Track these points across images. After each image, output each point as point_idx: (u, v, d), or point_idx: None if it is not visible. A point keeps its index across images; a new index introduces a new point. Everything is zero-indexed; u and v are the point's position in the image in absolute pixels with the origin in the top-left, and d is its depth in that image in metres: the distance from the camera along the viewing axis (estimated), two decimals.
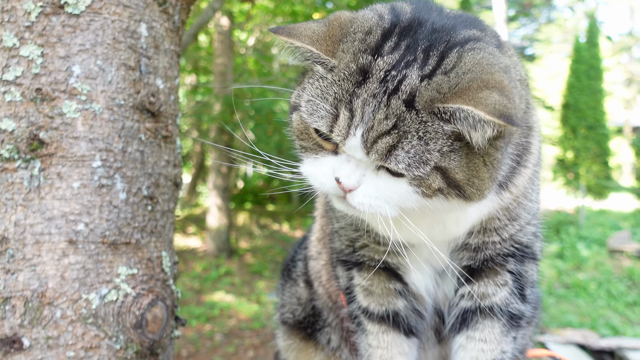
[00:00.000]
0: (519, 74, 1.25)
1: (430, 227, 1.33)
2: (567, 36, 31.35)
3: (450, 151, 1.08)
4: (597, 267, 12.20)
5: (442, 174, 1.09)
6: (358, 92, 1.11)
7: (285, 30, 1.26)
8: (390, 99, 1.08)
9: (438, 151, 1.07)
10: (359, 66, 1.14)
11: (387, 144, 1.08)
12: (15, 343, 1.58)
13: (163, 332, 1.77)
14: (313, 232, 1.83)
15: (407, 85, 1.08)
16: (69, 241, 1.63)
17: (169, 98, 1.90)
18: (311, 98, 1.17)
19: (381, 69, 1.12)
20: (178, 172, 1.97)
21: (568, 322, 9.11)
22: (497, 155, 1.11)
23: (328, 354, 1.74)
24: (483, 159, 1.10)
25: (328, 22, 1.25)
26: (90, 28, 1.68)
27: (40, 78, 1.63)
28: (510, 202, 1.32)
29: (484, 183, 1.10)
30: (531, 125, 1.35)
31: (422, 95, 1.07)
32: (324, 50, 1.20)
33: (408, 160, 1.07)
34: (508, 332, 1.43)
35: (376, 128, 1.09)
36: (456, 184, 1.10)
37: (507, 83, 1.08)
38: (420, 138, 1.07)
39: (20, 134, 1.61)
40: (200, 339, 8.18)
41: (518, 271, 1.43)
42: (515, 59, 1.29)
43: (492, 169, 1.11)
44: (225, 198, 12.92)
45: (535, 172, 1.37)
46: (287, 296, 1.88)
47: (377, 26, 1.20)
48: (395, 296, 1.51)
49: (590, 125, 17.69)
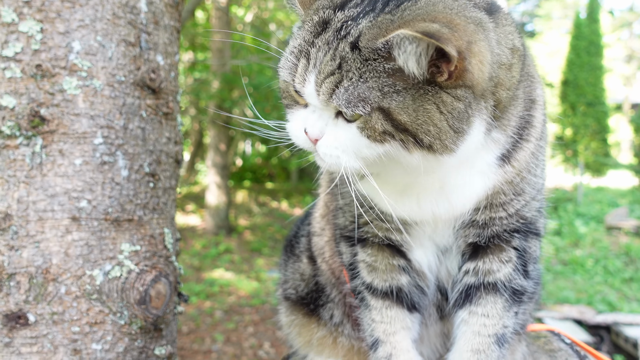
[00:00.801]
0: (510, 43, 1.22)
1: (434, 203, 1.33)
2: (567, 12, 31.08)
3: (394, 91, 1.08)
4: (595, 244, 12.28)
5: (385, 115, 1.09)
6: (315, 42, 1.16)
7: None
8: (340, 42, 1.12)
9: (379, 90, 1.08)
10: (321, 19, 1.18)
11: (331, 83, 1.11)
12: (21, 318, 1.59)
13: (166, 308, 1.79)
14: (317, 209, 1.83)
15: (357, 29, 1.11)
16: (72, 218, 1.64)
17: (169, 74, 1.89)
18: (285, 54, 1.23)
19: (339, 20, 1.15)
20: (179, 149, 1.97)
21: (565, 298, 9.20)
22: (457, 105, 1.08)
23: (330, 329, 1.76)
24: (437, 105, 1.08)
25: None
26: (89, 3, 1.66)
27: (40, 54, 1.62)
28: (514, 176, 1.32)
29: (443, 132, 1.09)
30: (534, 99, 1.34)
31: (364, 34, 1.09)
32: (303, 5, 1.26)
33: (347, 96, 1.09)
34: (510, 308, 1.44)
35: (323, 70, 1.12)
36: (404, 128, 1.09)
37: (462, 23, 1.06)
38: (361, 76, 1.09)
39: (21, 110, 1.61)
40: (200, 315, 8.26)
41: (522, 247, 1.44)
42: (509, 28, 1.25)
43: (451, 118, 1.08)
44: (224, 176, 12.92)
45: (539, 147, 1.36)
46: (290, 272, 1.88)
47: None
48: (398, 272, 1.51)
49: (589, 102, 17.65)
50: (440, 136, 1.09)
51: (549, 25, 32.23)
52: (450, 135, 1.09)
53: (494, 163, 1.29)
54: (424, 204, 1.33)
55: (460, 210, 1.35)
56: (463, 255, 1.47)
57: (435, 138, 1.09)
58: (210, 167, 13.00)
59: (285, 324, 1.87)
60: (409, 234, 1.46)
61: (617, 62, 30.08)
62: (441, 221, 1.40)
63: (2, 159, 1.63)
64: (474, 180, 1.30)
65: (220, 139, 12.81)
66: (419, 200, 1.33)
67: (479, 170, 1.29)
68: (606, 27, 25.35)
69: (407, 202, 1.33)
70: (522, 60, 1.26)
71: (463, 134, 1.11)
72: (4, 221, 1.61)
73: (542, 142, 1.38)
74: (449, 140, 1.10)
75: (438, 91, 1.08)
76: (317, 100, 1.15)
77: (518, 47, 1.24)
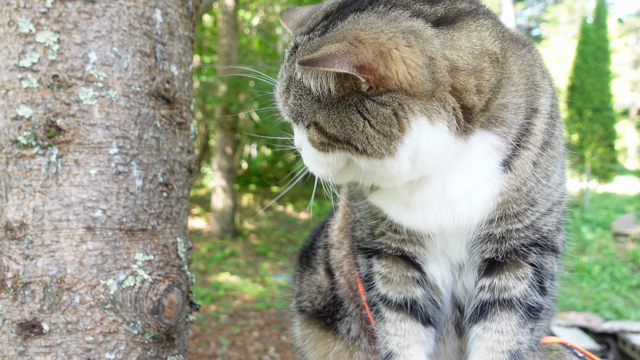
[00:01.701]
0: (477, 47, 1.20)
1: (438, 213, 1.33)
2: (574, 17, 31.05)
3: (320, 107, 1.18)
4: (601, 250, 12.23)
5: (318, 128, 1.19)
6: (286, 65, 1.27)
7: (285, 13, 1.49)
8: (291, 64, 1.24)
9: (309, 107, 1.19)
10: (294, 43, 1.29)
11: (284, 100, 1.26)
12: (35, 328, 1.60)
13: (179, 317, 1.79)
14: (335, 221, 1.83)
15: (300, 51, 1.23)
16: (87, 227, 1.65)
17: (183, 84, 1.90)
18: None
19: (302, 42, 1.25)
20: (192, 158, 1.98)
21: (571, 305, 9.16)
22: (382, 110, 1.12)
23: (347, 343, 1.76)
24: (361, 113, 1.14)
25: (314, 8, 1.40)
26: (106, 14, 1.67)
27: (57, 64, 1.63)
28: (520, 184, 1.32)
29: (371, 138, 1.14)
30: (536, 108, 1.34)
31: (299, 56, 1.20)
32: (293, 33, 1.36)
33: (290, 113, 1.24)
34: (525, 324, 1.44)
35: (280, 89, 1.27)
36: (336, 138, 1.17)
37: (374, 37, 1.11)
38: (295, 95, 1.21)
39: (37, 120, 1.62)
40: (205, 319, 8.27)
41: (539, 263, 1.43)
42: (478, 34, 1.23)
43: (377, 123, 1.13)
44: (230, 179, 12.95)
45: (546, 157, 1.35)
46: (306, 284, 1.88)
47: (324, 10, 1.31)
48: (413, 284, 1.51)
49: (596, 108, 17.63)
50: (370, 142, 1.15)
51: (555, 30, 32.20)
52: (380, 139, 1.14)
53: (498, 168, 1.30)
54: (428, 214, 1.34)
55: (467, 221, 1.35)
56: (479, 271, 1.47)
57: (366, 144, 1.15)
58: (216, 170, 13.03)
59: (300, 337, 1.87)
60: (422, 246, 1.47)
61: (624, 68, 30.00)
62: (449, 234, 1.40)
63: (18, 168, 1.64)
64: (480, 188, 1.30)
65: (227, 143, 12.84)
66: (423, 211, 1.34)
67: (484, 177, 1.30)
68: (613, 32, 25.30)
69: (413, 213, 1.35)
70: (500, 65, 1.24)
71: (395, 138, 1.14)
72: (19, 230, 1.62)
73: (551, 153, 1.37)
74: (381, 145, 1.14)
75: (362, 100, 1.13)
76: (283, 113, 1.29)
77: (493, 51, 1.23)
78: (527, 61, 1.36)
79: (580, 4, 31.76)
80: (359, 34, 1.12)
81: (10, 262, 1.62)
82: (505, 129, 1.28)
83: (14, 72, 1.63)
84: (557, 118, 1.42)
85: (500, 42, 1.25)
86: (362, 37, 1.11)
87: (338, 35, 1.13)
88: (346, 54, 1.06)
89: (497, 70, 1.23)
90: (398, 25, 1.15)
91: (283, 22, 1.47)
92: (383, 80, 1.10)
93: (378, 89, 1.11)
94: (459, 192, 1.30)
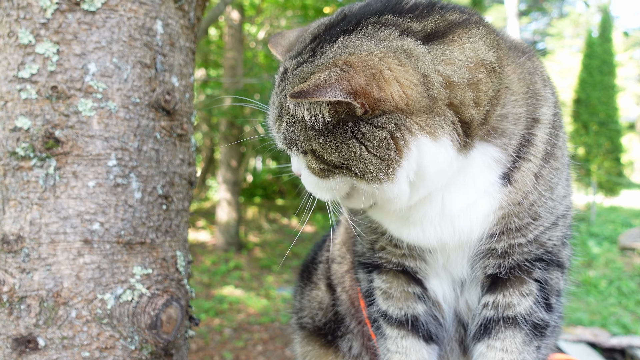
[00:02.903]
0: (472, 59, 1.18)
1: (438, 228, 1.30)
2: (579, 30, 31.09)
3: (316, 135, 1.15)
4: (608, 265, 12.11)
5: (315, 155, 1.18)
6: (276, 91, 1.26)
7: (273, 39, 1.47)
8: (281, 91, 1.23)
9: (304, 135, 1.17)
10: (283, 68, 1.28)
11: (277, 128, 1.24)
12: (31, 343, 1.57)
13: (177, 332, 1.76)
14: (337, 235, 1.80)
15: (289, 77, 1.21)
16: (84, 241, 1.62)
17: (184, 96, 1.88)
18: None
19: (291, 67, 1.24)
20: (192, 170, 1.96)
21: (578, 320, 9.05)
22: (378, 134, 1.10)
23: None
24: (357, 138, 1.11)
25: (301, 31, 1.40)
26: (106, 25, 1.66)
27: (56, 76, 1.61)
28: (520, 197, 1.28)
29: (368, 163, 1.12)
30: (537, 118, 1.31)
31: (289, 84, 1.19)
32: (282, 58, 1.35)
33: (285, 140, 1.22)
34: (531, 342, 1.40)
35: (272, 115, 1.26)
36: (334, 164, 1.15)
37: (364, 60, 1.09)
38: (288, 123, 1.19)
39: (35, 132, 1.60)
40: (209, 333, 8.21)
41: (544, 279, 1.39)
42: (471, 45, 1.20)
43: (373, 147, 1.11)
44: (235, 192, 12.93)
45: (548, 169, 1.32)
46: (307, 300, 1.85)
47: (311, 33, 1.30)
48: (414, 300, 1.48)
49: (602, 121, 17.58)
50: (367, 166, 1.12)
51: (560, 43, 32.24)
52: (378, 164, 1.12)
53: (497, 182, 1.26)
54: (428, 229, 1.31)
55: (467, 236, 1.32)
56: (482, 288, 1.44)
57: (364, 169, 1.13)
58: (221, 183, 13.01)
59: (300, 355, 1.83)
60: (423, 260, 1.44)
61: (629, 81, 29.97)
62: (450, 248, 1.37)
63: (16, 180, 1.62)
64: (479, 202, 1.27)
65: (232, 155, 12.84)
66: (423, 226, 1.31)
67: (484, 191, 1.27)
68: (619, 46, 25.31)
69: (413, 228, 1.33)
70: (497, 75, 1.22)
71: (393, 162, 1.12)
72: (16, 243, 1.60)
73: (554, 164, 1.33)
74: (378, 169, 1.12)
75: (358, 124, 1.11)
76: (277, 141, 1.28)
77: (488, 61, 1.20)
78: (527, 69, 1.33)
79: (585, 18, 31.82)
80: (348, 58, 1.10)
81: (6, 275, 1.60)
82: (505, 140, 1.25)
83: (13, 83, 1.62)
84: (560, 128, 1.38)
85: (496, 50, 1.23)
86: (352, 61, 1.09)
87: (327, 62, 1.12)
88: (337, 81, 1.04)
89: (494, 80, 1.21)
90: (388, 45, 1.14)
91: (272, 48, 1.45)
92: (378, 103, 1.08)
93: (374, 112, 1.09)
94: (458, 206, 1.27)
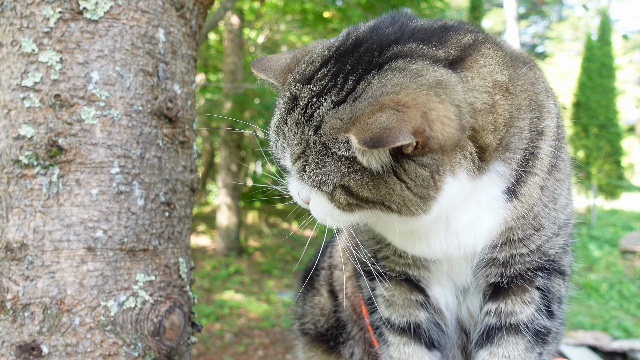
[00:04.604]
0: (489, 83, 1.19)
1: (444, 242, 1.30)
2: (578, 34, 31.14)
3: (353, 171, 1.12)
4: (609, 268, 12.10)
5: (346, 191, 1.14)
6: (287, 119, 1.21)
7: (258, 64, 1.39)
8: (305, 125, 1.16)
9: (338, 171, 1.13)
10: (292, 95, 1.22)
11: (300, 165, 1.17)
12: (34, 350, 1.58)
13: (180, 339, 1.76)
14: (339, 241, 1.81)
15: (319, 113, 1.15)
16: (88, 248, 1.63)
17: (186, 103, 1.89)
18: (270, 127, 1.29)
19: (305, 97, 1.19)
20: (194, 177, 1.96)
21: (580, 323, 9.04)
22: (420, 173, 1.09)
23: None
24: (399, 176, 1.10)
25: (295, 53, 1.37)
26: (108, 34, 1.67)
27: (59, 84, 1.62)
28: (525, 211, 1.28)
29: (407, 200, 1.11)
30: (541, 130, 1.29)
31: (326, 123, 1.12)
32: (280, 81, 1.32)
33: (312, 178, 1.15)
34: (533, 349, 1.40)
35: (293, 151, 1.19)
36: (367, 200, 1.13)
37: (412, 99, 1.06)
38: (321, 160, 1.13)
39: (39, 140, 1.61)
40: (210, 338, 8.20)
41: (546, 287, 1.40)
42: (487, 69, 1.21)
43: (415, 186, 1.10)
44: (235, 196, 12.93)
45: (553, 180, 1.31)
46: (309, 306, 1.85)
47: (320, 55, 1.26)
48: (416, 308, 1.48)
49: (601, 124, 17.59)
50: (405, 203, 1.11)
51: (560, 47, 32.29)
52: (417, 201, 1.11)
53: (501, 197, 1.25)
54: (433, 243, 1.31)
55: (471, 249, 1.32)
56: (484, 295, 1.44)
57: (401, 206, 1.12)
58: (221, 187, 13.02)
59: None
60: (427, 269, 1.44)
61: (629, 84, 29.99)
62: (455, 259, 1.38)
63: (19, 188, 1.63)
64: (482, 217, 1.27)
65: (232, 160, 12.85)
66: (428, 240, 1.31)
67: (487, 206, 1.26)
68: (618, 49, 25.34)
69: (417, 242, 1.33)
70: (511, 93, 1.22)
71: (430, 199, 1.12)
72: (19, 251, 1.60)
73: (558, 175, 1.33)
74: (416, 206, 1.12)
75: (401, 161, 1.09)
76: (294, 175, 1.22)
77: (502, 81, 1.20)
78: (528, 80, 1.31)
79: (584, 21, 31.88)
80: (398, 98, 1.07)
81: (10, 283, 1.60)
82: (509, 155, 1.24)
83: (17, 91, 1.63)
84: (563, 139, 1.38)
85: (507, 69, 1.23)
86: (403, 101, 1.06)
87: (374, 103, 1.07)
88: (402, 123, 1.01)
89: (509, 102, 1.21)
90: (425, 81, 1.11)
91: (259, 72, 1.38)
92: (428, 141, 1.06)
93: (423, 150, 1.08)
94: (463, 222, 1.27)
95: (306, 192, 1.26)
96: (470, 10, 19.33)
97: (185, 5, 1.85)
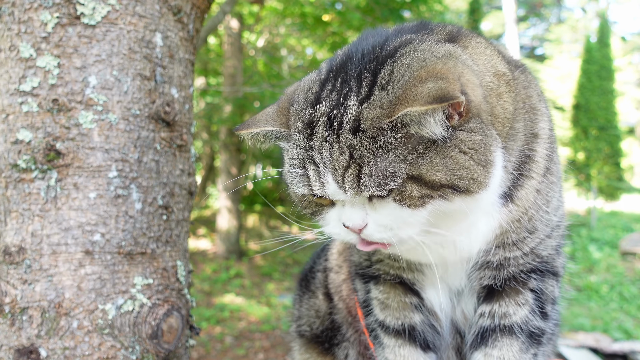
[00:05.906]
0: (490, 67, 1.23)
1: (441, 247, 1.30)
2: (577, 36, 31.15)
3: (417, 156, 1.08)
4: (609, 270, 12.10)
5: (417, 181, 1.08)
6: (312, 144, 1.16)
7: (244, 125, 1.32)
8: (339, 135, 1.11)
9: (402, 160, 1.08)
10: (305, 121, 1.18)
11: (353, 175, 1.10)
12: (33, 353, 1.58)
13: (178, 342, 1.77)
14: (334, 244, 1.81)
15: (349, 114, 1.11)
16: (86, 251, 1.64)
17: (183, 107, 1.90)
18: (287, 170, 1.23)
19: (322, 113, 1.16)
20: (192, 180, 1.97)
21: (580, 325, 9.03)
22: (475, 138, 1.09)
23: None
24: (459, 148, 1.08)
25: (279, 100, 1.34)
26: (106, 38, 1.68)
27: (57, 89, 1.63)
28: (520, 214, 1.29)
29: (473, 171, 1.09)
30: (536, 133, 1.31)
31: (365, 117, 1.09)
32: (278, 124, 1.27)
33: (374, 180, 1.08)
34: (527, 350, 1.41)
35: (337, 166, 1.11)
36: (440, 184, 1.08)
37: (443, 67, 1.09)
38: (376, 155, 1.08)
39: (37, 144, 1.62)
40: (210, 341, 8.19)
41: (539, 288, 1.41)
42: (487, 51, 1.27)
43: (475, 153, 1.09)
44: (235, 200, 12.93)
45: (546, 183, 1.33)
46: (305, 308, 1.86)
47: (314, 81, 1.26)
48: (411, 310, 1.49)
49: (601, 126, 17.59)
50: (472, 176, 1.09)
51: (559, 49, 32.30)
52: (481, 170, 1.10)
53: (497, 201, 1.26)
54: (429, 249, 1.29)
55: (467, 253, 1.33)
56: (479, 297, 1.45)
57: (469, 179, 1.09)
58: (222, 191, 13.02)
59: None
60: (421, 272, 1.45)
61: (628, 86, 29.97)
62: (449, 263, 1.39)
63: (18, 192, 1.63)
64: (478, 222, 1.27)
65: (232, 163, 12.86)
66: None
67: (483, 211, 1.26)
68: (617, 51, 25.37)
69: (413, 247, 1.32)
70: (513, 88, 1.25)
71: (490, 166, 1.12)
72: (18, 255, 1.61)
73: (551, 178, 1.35)
74: (482, 176, 1.10)
75: (454, 133, 1.08)
76: (345, 196, 1.13)
77: (503, 72, 1.23)
78: (521, 83, 1.33)
79: (583, 23, 31.89)
80: (429, 69, 1.09)
81: (8, 286, 1.61)
82: (506, 157, 1.24)
83: (15, 96, 1.64)
84: (555, 142, 1.40)
85: (506, 63, 1.26)
86: (436, 69, 1.08)
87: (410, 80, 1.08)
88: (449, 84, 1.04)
89: (512, 96, 1.23)
90: (440, 55, 1.16)
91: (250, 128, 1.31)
92: (469, 106, 1.08)
93: (466, 117, 1.09)
94: (462, 227, 1.26)
95: (360, 214, 1.16)
96: (470, 13, 19.34)
97: (183, 9, 1.86)
